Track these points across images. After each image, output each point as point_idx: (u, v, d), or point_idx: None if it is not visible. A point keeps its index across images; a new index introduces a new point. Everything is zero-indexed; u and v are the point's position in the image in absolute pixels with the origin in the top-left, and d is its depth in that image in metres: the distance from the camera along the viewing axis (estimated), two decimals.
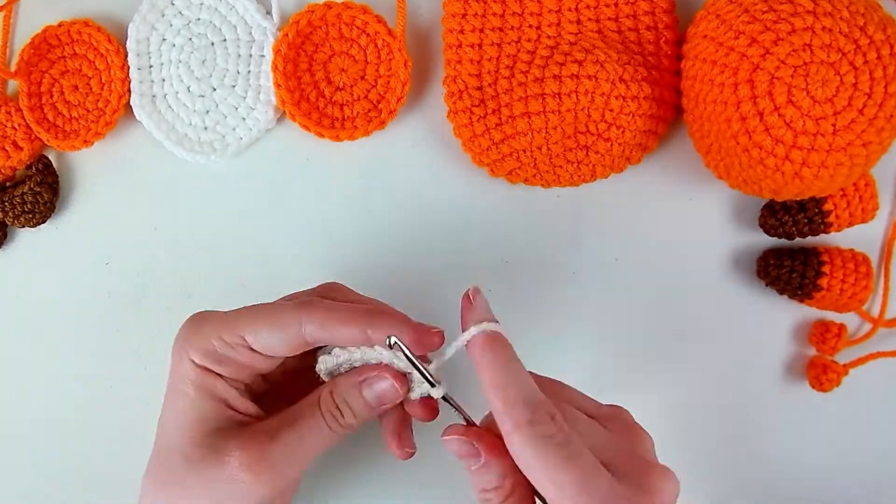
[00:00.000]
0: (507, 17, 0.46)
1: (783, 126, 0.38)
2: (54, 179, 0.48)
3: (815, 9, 0.38)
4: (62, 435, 0.48)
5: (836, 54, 0.37)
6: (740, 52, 0.39)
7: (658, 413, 0.45)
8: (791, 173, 0.39)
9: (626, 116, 0.42)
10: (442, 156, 0.47)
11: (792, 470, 0.46)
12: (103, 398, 0.47)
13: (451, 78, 0.46)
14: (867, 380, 0.45)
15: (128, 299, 0.48)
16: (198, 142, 0.48)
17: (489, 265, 0.47)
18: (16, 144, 0.48)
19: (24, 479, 0.48)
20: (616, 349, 0.46)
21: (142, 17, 0.48)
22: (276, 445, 0.34)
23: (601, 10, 0.46)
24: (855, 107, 0.38)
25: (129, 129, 0.48)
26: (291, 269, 0.47)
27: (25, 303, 0.49)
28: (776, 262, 0.44)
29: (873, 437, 0.46)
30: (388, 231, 0.47)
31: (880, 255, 0.46)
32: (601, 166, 0.44)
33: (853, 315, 0.46)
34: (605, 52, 0.43)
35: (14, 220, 0.48)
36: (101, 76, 0.48)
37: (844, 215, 0.44)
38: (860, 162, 0.39)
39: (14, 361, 0.48)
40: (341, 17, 0.47)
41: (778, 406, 0.46)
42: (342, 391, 0.35)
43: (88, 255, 0.48)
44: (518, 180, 0.46)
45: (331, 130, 0.46)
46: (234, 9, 0.48)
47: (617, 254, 0.46)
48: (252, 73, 0.48)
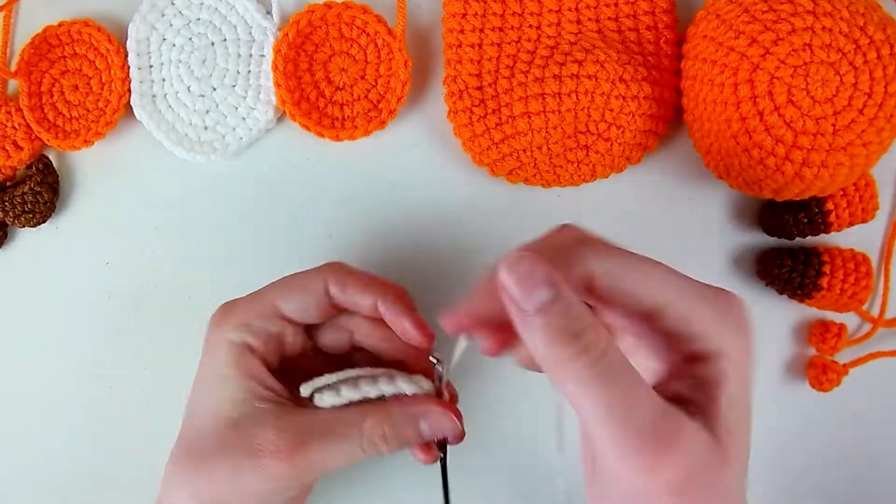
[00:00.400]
0: (507, 17, 0.46)
1: (783, 126, 0.38)
2: (54, 179, 0.48)
3: (814, 9, 0.38)
4: (62, 435, 0.48)
5: (836, 54, 0.37)
6: (740, 52, 0.39)
7: None
8: (791, 173, 0.39)
9: (626, 116, 0.42)
10: (442, 156, 0.47)
11: (792, 470, 0.46)
12: (103, 398, 0.47)
13: (451, 78, 0.46)
14: (867, 380, 0.45)
15: (128, 299, 0.48)
16: (198, 142, 0.48)
17: (489, 265, 0.47)
18: (16, 144, 0.48)
19: (25, 479, 0.48)
20: None
21: (142, 16, 0.48)
22: (307, 451, 0.34)
23: (601, 10, 0.46)
24: (855, 107, 0.38)
25: (129, 129, 0.48)
26: (292, 268, 0.47)
27: (25, 303, 0.49)
28: (776, 262, 0.44)
29: (873, 437, 0.46)
30: (387, 231, 0.47)
31: (880, 255, 0.46)
32: (601, 166, 0.44)
33: (853, 315, 0.46)
34: (605, 52, 0.43)
35: (14, 220, 0.48)
36: (102, 76, 0.48)
37: (844, 215, 0.44)
38: (860, 162, 0.39)
39: (14, 361, 0.48)
40: (341, 16, 0.47)
41: (778, 406, 0.46)
42: (397, 423, 0.35)
43: (88, 255, 0.48)
44: (518, 180, 0.46)
45: (331, 130, 0.46)
46: (234, 9, 0.48)
47: None
48: (252, 72, 0.48)
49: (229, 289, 0.47)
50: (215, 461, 0.35)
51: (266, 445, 0.34)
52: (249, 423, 0.35)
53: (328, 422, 0.36)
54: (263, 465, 0.34)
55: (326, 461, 0.35)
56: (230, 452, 0.35)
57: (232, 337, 0.37)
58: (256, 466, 0.34)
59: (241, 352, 0.36)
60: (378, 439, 0.35)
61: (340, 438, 0.35)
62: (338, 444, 0.35)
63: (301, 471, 0.34)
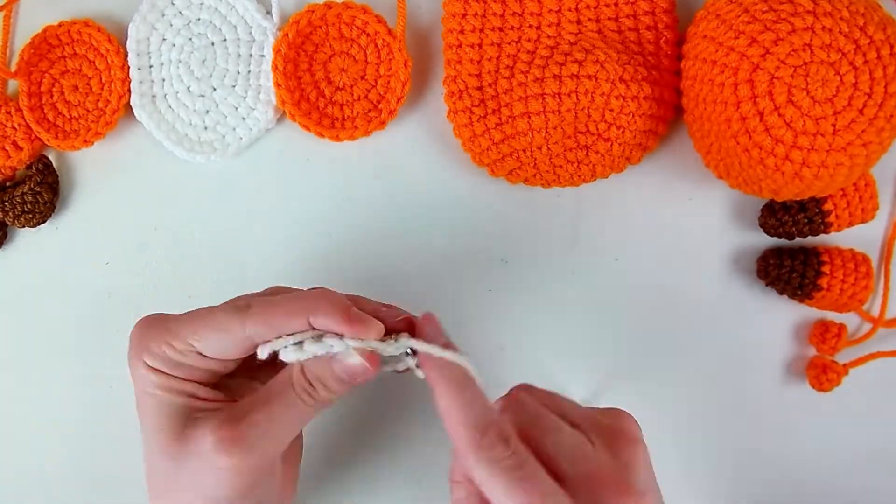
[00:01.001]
0: (507, 17, 0.46)
1: (783, 126, 0.38)
2: (54, 179, 0.48)
3: (815, 9, 0.38)
4: (62, 435, 0.48)
5: (836, 54, 0.37)
6: (740, 52, 0.39)
7: (658, 413, 0.45)
8: (791, 173, 0.39)
9: (626, 116, 0.42)
10: (442, 156, 0.47)
11: (792, 470, 0.46)
12: (103, 398, 0.47)
13: (451, 78, 0.46)
14: (867, 380, 0.45)
15: (128, 299, 0.48)
16: (198, 142, 0.48)
17: (489, 265, 0.47)
18: (16, 144, 0.48)
19: (24, 479, 0.48)
20: (616, 349, 0.46)
21: (142, 17, 0.48)
22: (249, 425, 0.34)
23: (601, 10, 0.46)
24: (855, 107, 0.38)
25: (129, 129, 0.48)
26: (292, 268, 0.47)
27: (25, 303, 0.49)
28: (776, 262, 0.44)
29: (873, 437, 0.46)
30: (387, 231, 0.47)
31: (880, 255, 0.46)
32: (601, 166, 0.44)
33: (853, 315, 0.46)
34: (605, 52, 0.43)
35: (14, 220, 0.48)
36: (101, 76, 0.48)
37: (844, 215, 0.44)
38: (860, 162, 0.39)
39: (14, 361, 0.48)
40: (341, 16, 0.47)
41: (778, 406, 0.46)
42: (314, 368, 0.35)
43: (88, 255, 0.48)
44: (518, 180, 0.46)
45: (331, 130, 0.46)
46: (234, 9, 0.48)
47: (617, 254, 0.46)
48: (252, 72, 0.48)
49: (229, 289, 0.47)
50: (171, 472, 0.34)
51: (207, 440, 0.33)
52: (189, 429, 0.34)
53: (264, 390, 0.35)
54: (211, 464, 0.33)
55: (273, 428, 0.34)
56: (179, 460, 0.34)
57: (151, 363, 0.35)
58: (206, 467, 0.33)
59: (163, 377, 0.35)
60: (307, 387, 0.35)
61: (279, 397, 0.35)
62: (280, 406, 0.34)
63: (250, 449, 0.33)
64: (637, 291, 0.46)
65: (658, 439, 0.36)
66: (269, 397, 0.35)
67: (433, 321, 0.35)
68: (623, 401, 0.37)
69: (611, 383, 0.46)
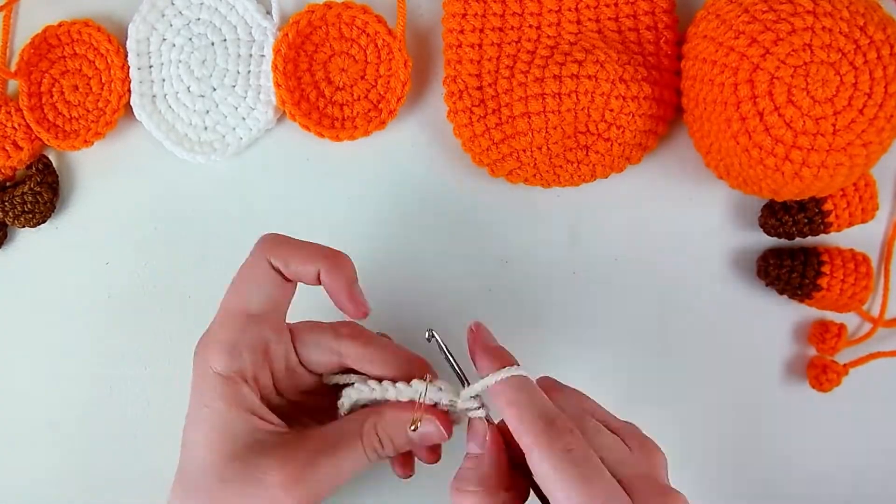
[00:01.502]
0: (507, 17, 0.46)
1: (783, 126, 0.38)
2: (54, 179, 0.48)
3: (815, 9, 0.38)
4: (63, 435, 0.48)
5: (836, 54, 0.37)
6: (740, 52, 0.39)
7: (658, 413, 0.45)
8: (791, 173, 0.39)
9: (626, 116, 0.42)
10: (442, 156, 0.47)
11: (792, 470, 0.46)
12: (104, 398, 0.47)
13: (451, 78, 0.46)
14: (867, 380, 0.45)
15: (128, 299, 0.48)
16: (198, 142, 0.48)
17: (489, 265, 0.47)
18: (16, 144, 0.48)
19: (25, 479, 0.48)
20: (616, 349, 0.46)
21: (142, 17, 0.48)
22: (316, 470, 0.34)
23: (601, 10, 0.46)
24: (855, 107, 0.38)
25: (129, 129, 0.48)
26: None
27: (25, 303, 0.49)
28: (776, 262, 0.44)
29: (873, 437, 0.46)
30: (387, 231, 0.47)
31: (880, 255, 0.46)
32: (601, 166, 0.44)
33: (853, 315, 0.46)
34: (605, 52, 0.43)
35: (14, 220, 0.48)
36: (101, 76, 0.48)
37: (844, 215, 0.44)
38: (860, 162, 0.39)
39: (14, 361, 0.48)
40: (341, 17, 0.47)
41: (778, 406, 0.46)
42: (388, 427, 0.35)
43: (88, 255, 0.48)
44: (518, 180, 0.46)
45: (331, 130, 0.46)
46: (234, 9, 0.48)
47: (617, 254, 0.46)
48: (252, 73, 0.48)
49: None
50: (221, 494, 0.34)
51: (272, 475, 0.34)
52: (251, 455, 0.34)
53: (331, 435, 0.36)
54: (272, 496, 0.34)
55: (335, 476, 0.35)
56: (236, 487, 0.34)
57: (219, 368, 0.35)
58: (265, 497, 0.34)
59: (231, 383, 0.35)
60: (376, 445, 0.35)
61: (346, 448, 0.35)
62: (345, 457, 0.35)
63: (310, 493, 0.34)
64: (637, 291, 0.46)
65: (658, 439, 0.35)
66: (336, 444, 0.35)
67: (480, 339, 0.36)
68: (623, 400, 0.37)
69: (611, 383, 0.46)
